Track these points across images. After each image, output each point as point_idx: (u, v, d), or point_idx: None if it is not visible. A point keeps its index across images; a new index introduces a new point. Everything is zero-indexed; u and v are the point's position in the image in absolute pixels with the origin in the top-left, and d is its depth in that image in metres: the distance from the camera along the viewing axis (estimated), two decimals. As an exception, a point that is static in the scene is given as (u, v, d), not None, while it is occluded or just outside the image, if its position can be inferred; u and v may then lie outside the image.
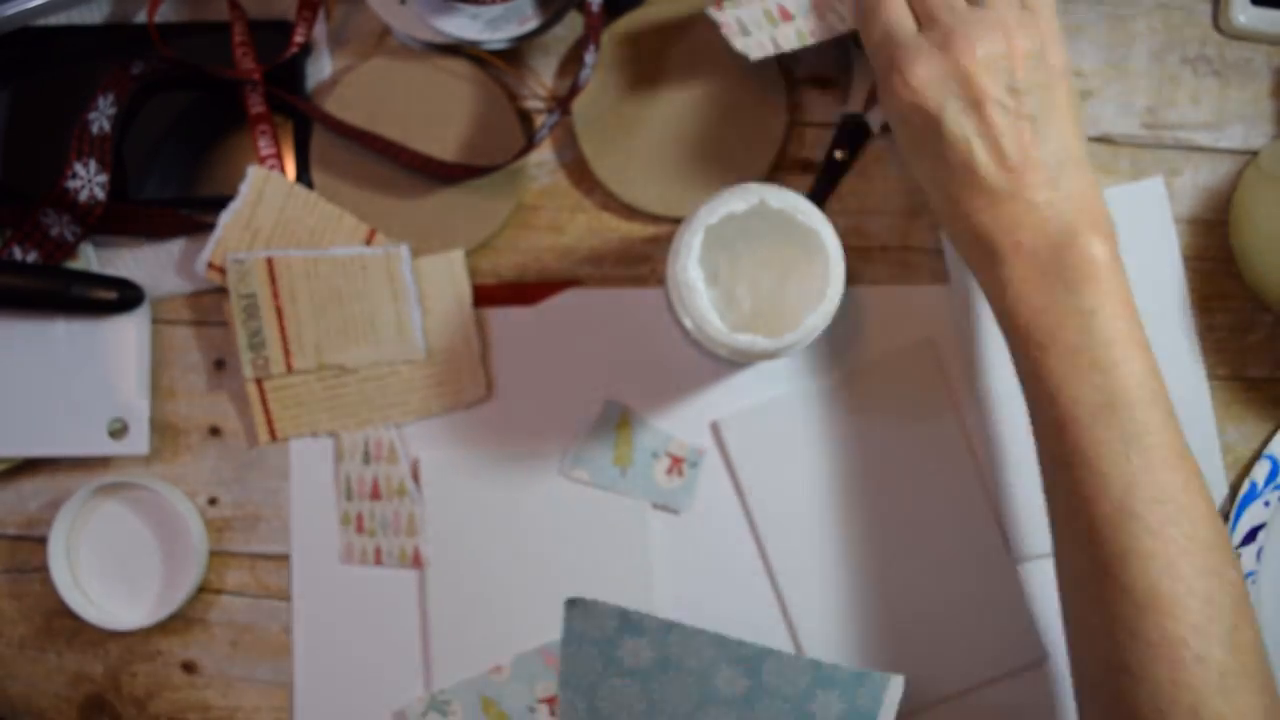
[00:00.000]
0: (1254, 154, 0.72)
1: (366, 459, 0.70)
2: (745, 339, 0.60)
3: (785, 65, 0.71)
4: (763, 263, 0.66)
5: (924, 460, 0.70)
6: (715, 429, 0.70)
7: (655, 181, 0.70)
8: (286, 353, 0.69)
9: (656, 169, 0.70)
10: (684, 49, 0.70)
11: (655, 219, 0.71)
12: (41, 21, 0.70)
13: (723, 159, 0.70)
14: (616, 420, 0.70)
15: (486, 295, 0.71)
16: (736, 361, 0.70)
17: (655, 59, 0.71)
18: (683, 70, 0.70)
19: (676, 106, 0.70)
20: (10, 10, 0.68)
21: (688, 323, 0.62)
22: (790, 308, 0.65)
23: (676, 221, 0.71)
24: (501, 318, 0.71)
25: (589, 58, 0.68)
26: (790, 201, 0.60)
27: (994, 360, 0.70)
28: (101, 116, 0.68)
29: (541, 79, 0.72)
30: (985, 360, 0.70)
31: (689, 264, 0.60)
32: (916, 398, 0.70)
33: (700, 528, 0.71)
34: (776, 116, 0.70)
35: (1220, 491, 0.71)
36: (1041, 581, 0.70)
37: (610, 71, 0.70)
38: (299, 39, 0.69)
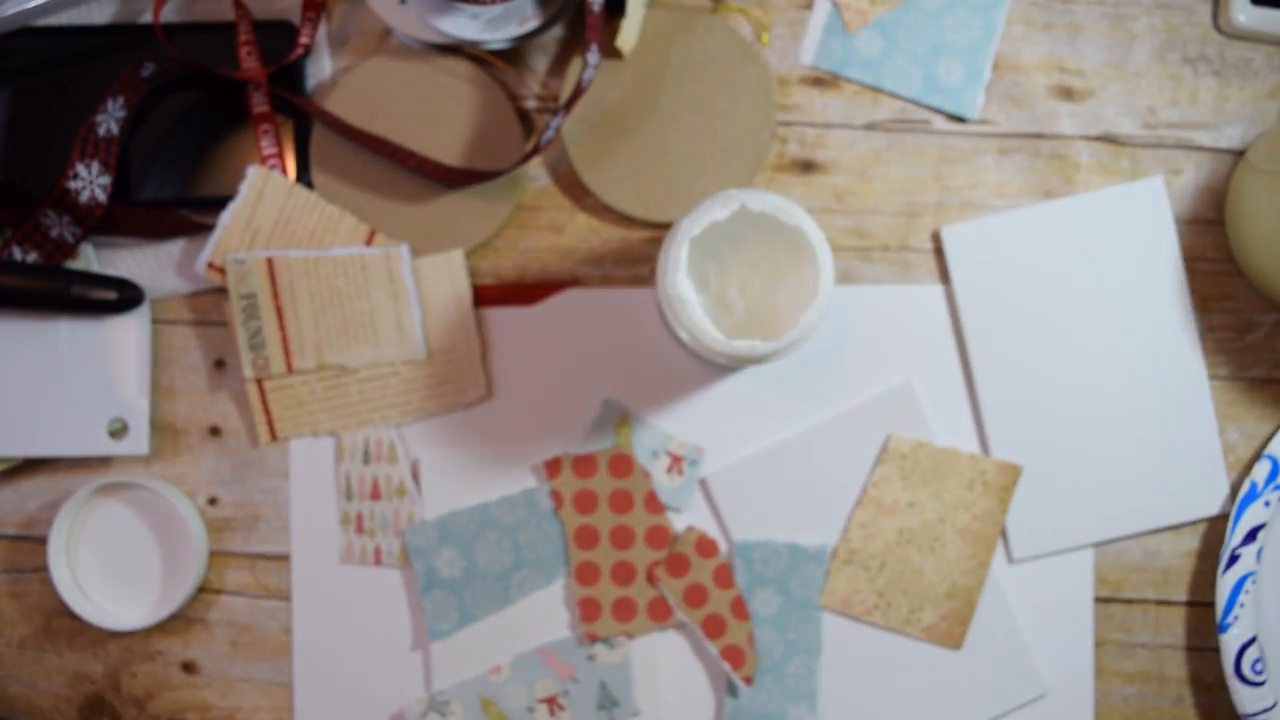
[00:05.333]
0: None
1: (366, 459, 0.70)
2: (743, 345, 0.60)
3: (772, 67, 0.71)
4: (751, 265, 0.66)
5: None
6: (703, 484, 0.70)
7: (644, 188, 0.70)
8: (286, 353, 0.69)
9: (644, 175, 0.70)
10: (673, 54, 0.70)
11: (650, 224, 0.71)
12: (42, 21, 0.70)
13: (709, 164, 0.70)
14: (616, 420, 0.70)
15: (486, 295, 0.71)
16: (735, 366, 0.70)
17: (642, 65, 0.71)
18: (670, 76, 0.70)
19: (663, 113, 0.70)
20: (10, 10, 0.68)
21: (683, 335, 0.62)
22: (784, 307, 0.65)
23: (669, 225, 0.71)
24: (501, 318, 0.71)
25: (592, 58, 0.68)
26: (771, 203, 0.60)
27: (993, 359, 0.70)
28: (110, 119, 0.68)
29: (541, 79, 0.72)
30: (984, 360, 0.70)
31: (678, 279, 0.60)
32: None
33: (700, 526, 0.71)
34: (763, 123, 0.70)
35: (1220, 491, 0.71)
36: (1036, 622, 0.70)
37: (597, 77, 0.70)
38: (304, 40, 0.69)
